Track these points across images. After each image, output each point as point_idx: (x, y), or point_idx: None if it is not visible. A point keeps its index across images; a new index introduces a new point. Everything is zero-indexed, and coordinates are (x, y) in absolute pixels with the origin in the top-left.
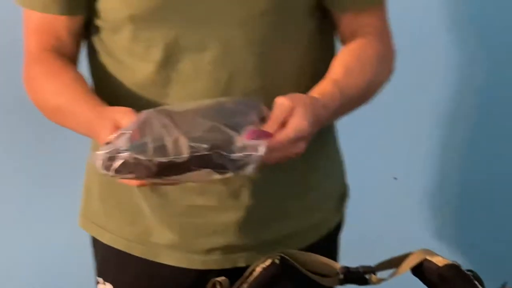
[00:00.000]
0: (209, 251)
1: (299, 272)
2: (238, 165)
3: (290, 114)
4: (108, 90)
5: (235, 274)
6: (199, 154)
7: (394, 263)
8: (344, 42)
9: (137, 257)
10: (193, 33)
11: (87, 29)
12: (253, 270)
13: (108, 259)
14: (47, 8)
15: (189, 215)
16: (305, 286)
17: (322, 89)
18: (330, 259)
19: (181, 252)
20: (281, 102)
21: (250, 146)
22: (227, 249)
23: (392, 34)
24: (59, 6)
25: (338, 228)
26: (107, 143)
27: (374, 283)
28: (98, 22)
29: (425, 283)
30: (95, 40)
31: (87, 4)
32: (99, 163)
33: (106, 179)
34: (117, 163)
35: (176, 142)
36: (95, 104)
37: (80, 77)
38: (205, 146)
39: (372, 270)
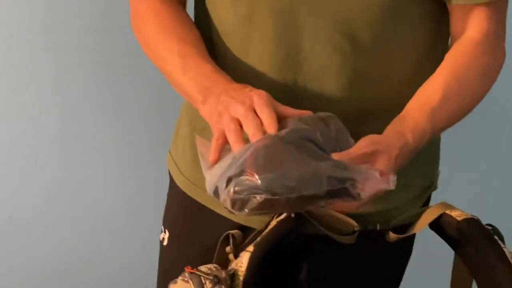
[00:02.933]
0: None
1: (315, 228)
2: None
3: (371, 161)
4: (204, 36)
5: None
6: (339, 187)
7: (411, 219)
8: (453, 39)
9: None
10: None
11: None
12: (269, 223)
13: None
14: None
15: None
16: (321, 243)
17: (416, 123)
18: (347, 217)
19: None
20: (362, 146)
21: (381, 180)
22: None
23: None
24: None
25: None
26: (229, 178)
27: (392, 241)
28: None
29: (443, 238)
30: None
31: None
32: (227, 202)
33: (193, 123)
34: (253, 205)
35: (314, 174)
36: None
37: (198, 33)
38: (343, 177)
39: (390, 228)
